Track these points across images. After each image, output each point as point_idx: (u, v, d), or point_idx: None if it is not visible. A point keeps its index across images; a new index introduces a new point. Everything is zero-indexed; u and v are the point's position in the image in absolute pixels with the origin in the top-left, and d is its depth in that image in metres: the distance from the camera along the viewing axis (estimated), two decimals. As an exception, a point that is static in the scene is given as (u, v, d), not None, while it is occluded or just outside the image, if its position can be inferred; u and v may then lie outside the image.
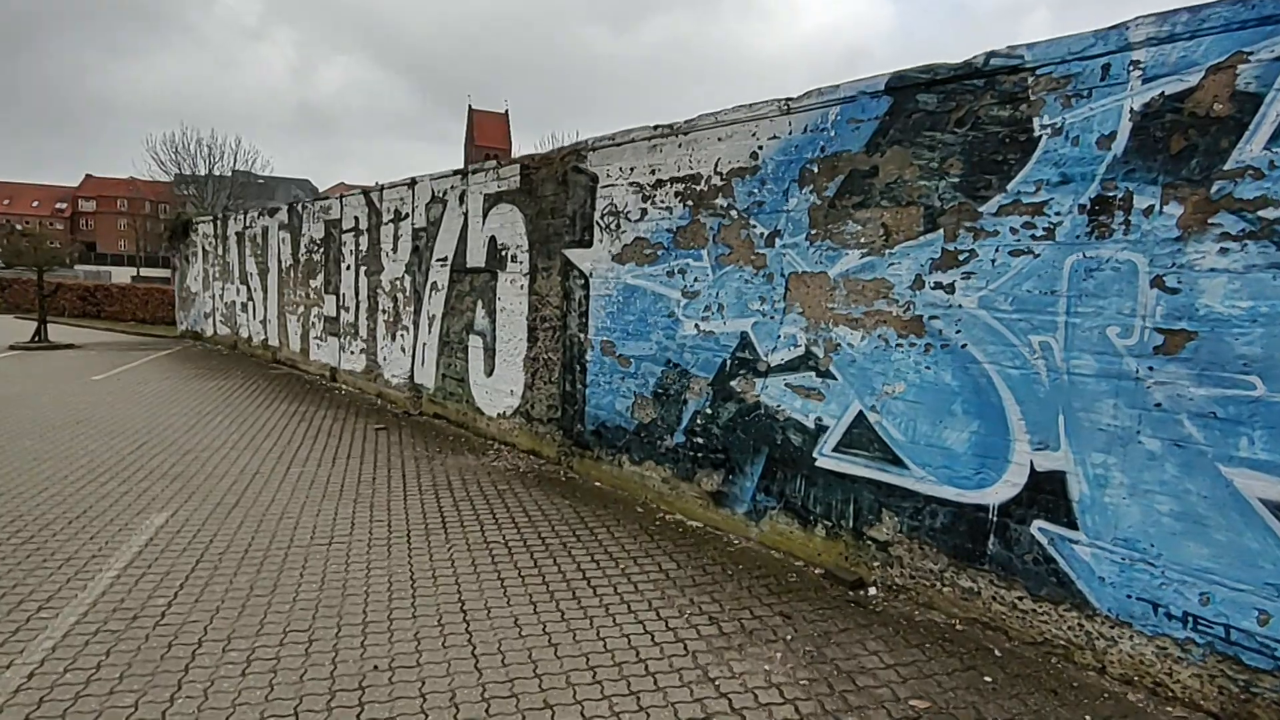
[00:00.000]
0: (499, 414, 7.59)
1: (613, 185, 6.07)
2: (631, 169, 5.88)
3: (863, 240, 4.27)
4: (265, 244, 13.68)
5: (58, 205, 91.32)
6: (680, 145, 5.45)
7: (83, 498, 5.46)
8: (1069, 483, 3.46)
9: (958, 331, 3.84)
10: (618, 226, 6.02)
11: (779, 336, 4.76)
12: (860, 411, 4.31)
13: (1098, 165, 3.35)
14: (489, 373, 7.71)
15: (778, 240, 4.75)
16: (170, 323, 24.88)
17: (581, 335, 6.43)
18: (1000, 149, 3.67)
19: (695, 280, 5.33)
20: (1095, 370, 3.36)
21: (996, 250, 3.68)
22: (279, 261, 13.15)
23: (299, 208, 12.43)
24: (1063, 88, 3.46)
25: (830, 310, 4.45)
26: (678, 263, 5.47)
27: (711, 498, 5.26)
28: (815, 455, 4.56)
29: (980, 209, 3.74)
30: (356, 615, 3.74)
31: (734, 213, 5.03)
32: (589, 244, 6.33)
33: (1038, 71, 3.54)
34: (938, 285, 3.92)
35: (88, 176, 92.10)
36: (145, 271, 71.53)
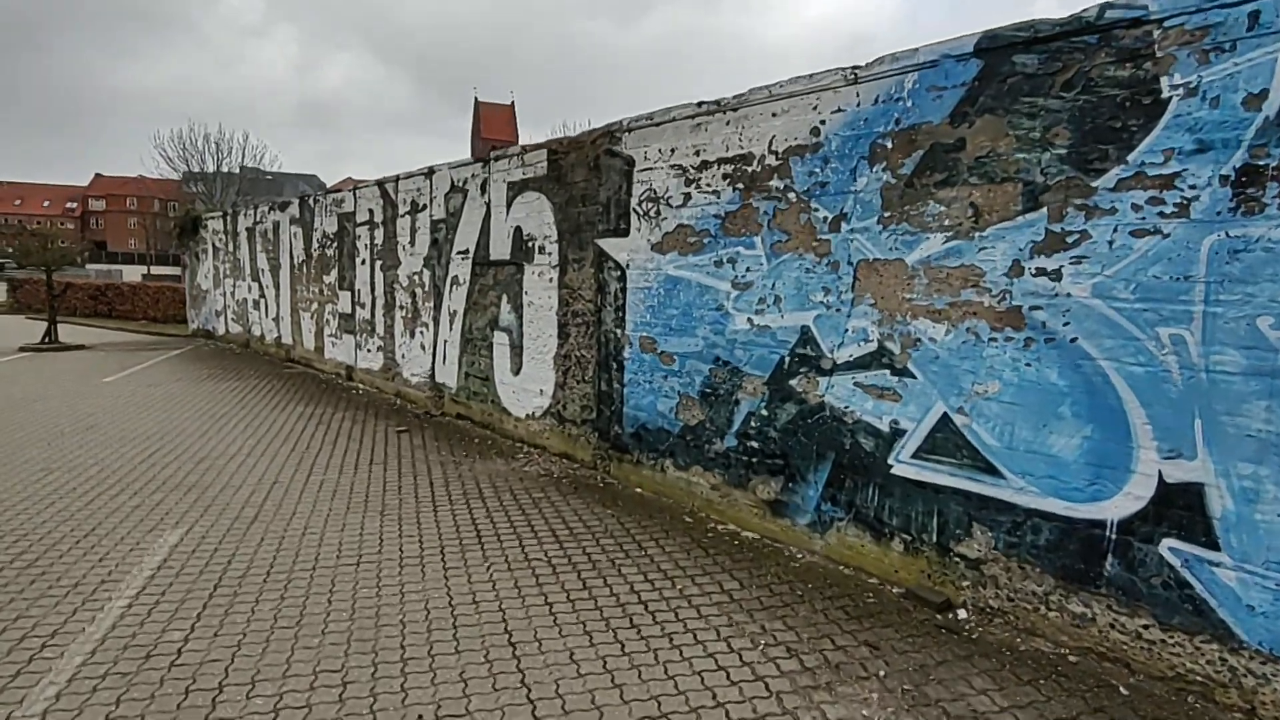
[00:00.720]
0: (527, 415, 7.18)
1: (651, 169, 5.63)
2: (672, 150, 5.43)
3: (947, 223, 3.82)
4: (276, 239, 13.31)
5: (68, 205, 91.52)
6: (729, 123, 5.00)
7: (92, 513, 5.10)
8: (1208, 496, 3.02)
9: (1066, 324, 3.39)
10: (657, 213, 5.58)
11: (846, 331, 4.32)
12: (945, 414, 3.86)
13: (1244, 130, 2.89)
14: (516, 371, 7.30)
15: (844, 225, 4.30)
16: (181, 321, 24.66)
17: (618, 331, 6.00)
18: (1119, 114, 3.21)
19: (747, 270, 4.89)
20: (1243, 367, 2.91)
21: (1115, 230, 3.23)
22: (291, 257, 12.78)
23: (310, 201, 12.04)
24: (1198, 41, 2.99)
25: (907, 301, 4.00)
26: (726, 251, 5.03)
27: (769, 507, 4.84)
28: (890, 462, 4.12)
29: (1094, 184, 3.28)
30: (394, 650, 3.34)
31: (792, 195, 4.58)
32: (625, 233, 5.89)
33: (1166, 24, 3.07)
34: (1040, 272, 3.47)
35: (97, 176, 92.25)
36: (156, 270, 71.58)
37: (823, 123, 4.40)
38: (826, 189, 4.39)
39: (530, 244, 7.00)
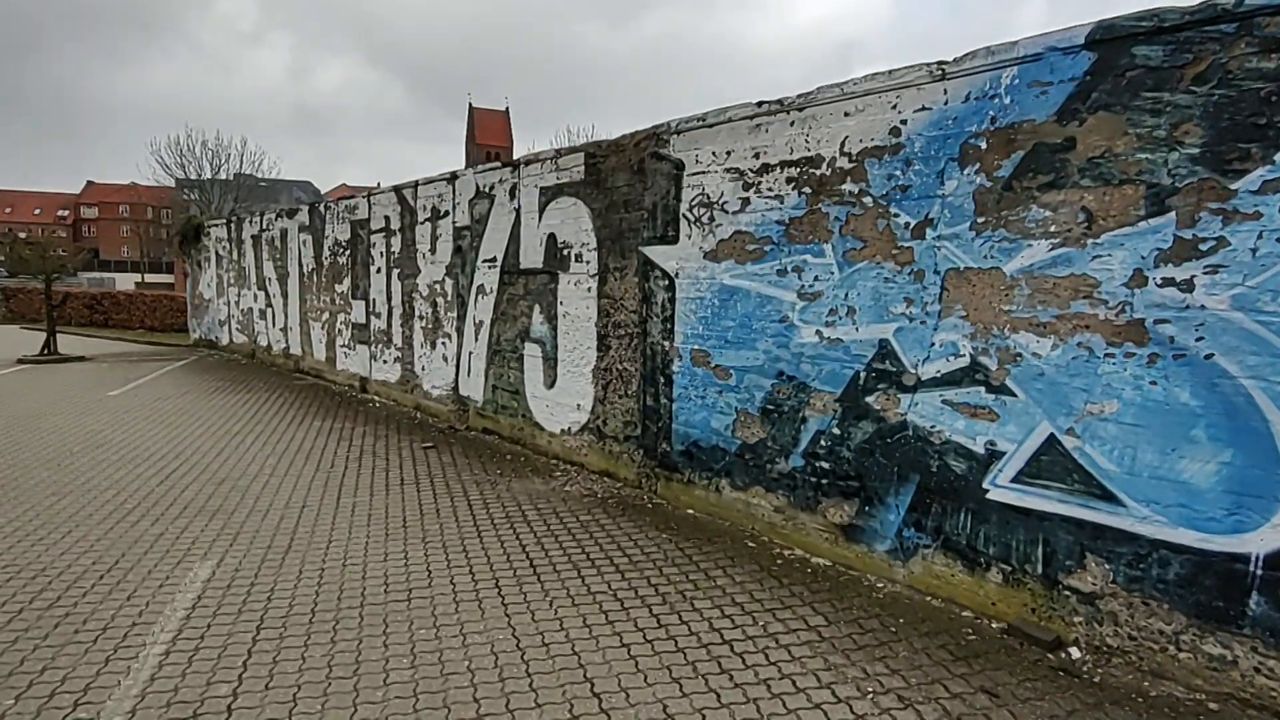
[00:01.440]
0: (562, 430, 6.86)
1: (703, 172, 5.34)
2: (728, 153, 5.14)
3: (1053, 229, 3.53)
4: (284, 247, 12.97)
5: (60, 213, 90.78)
6: (793, 124, 4.71)
7: (113, 543, 4.76)
8: (1379, 530, 2.73)
9: (1199, 339, 3.11)
10: (711, 219, 5.28)
11: (933, 345, 4.03)
12: (1051, 434, 3.57)
13: None
14: (550, 385, 6.98)
15: (929, 231, 4.01)
16: (180, 330, 24.25)
17: (666, 343, 5.70)
18: (1263, 110, 2.93)
19: (815, 279, 4.60)
20: None
21: (1259, 237, 2.94)
22: (300, 265, 12.44)
23: (321, 208, 11.71)
24: (1362, 28, 2.71)
25: (1006, 313, 3.72)
26: (791, 259, 4.74)
27: (841, 531, 4.53)
28: (986, 486, 3.82)
29: (1233, 186, 3.00)
30: (467, 705, 3.02)
31: (868, 200, 4.29)
32: (673, 240, 5.59)
33: (1321, 10, 2.79)
34: (1168, 282, 3.18)
35: (89, 183, 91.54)
36: (149, 278, 70.96)
37: (904, 122, 4.12)
38: (908, 193, 4.10)
39: (565, 252, 6.69)
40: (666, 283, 5.67)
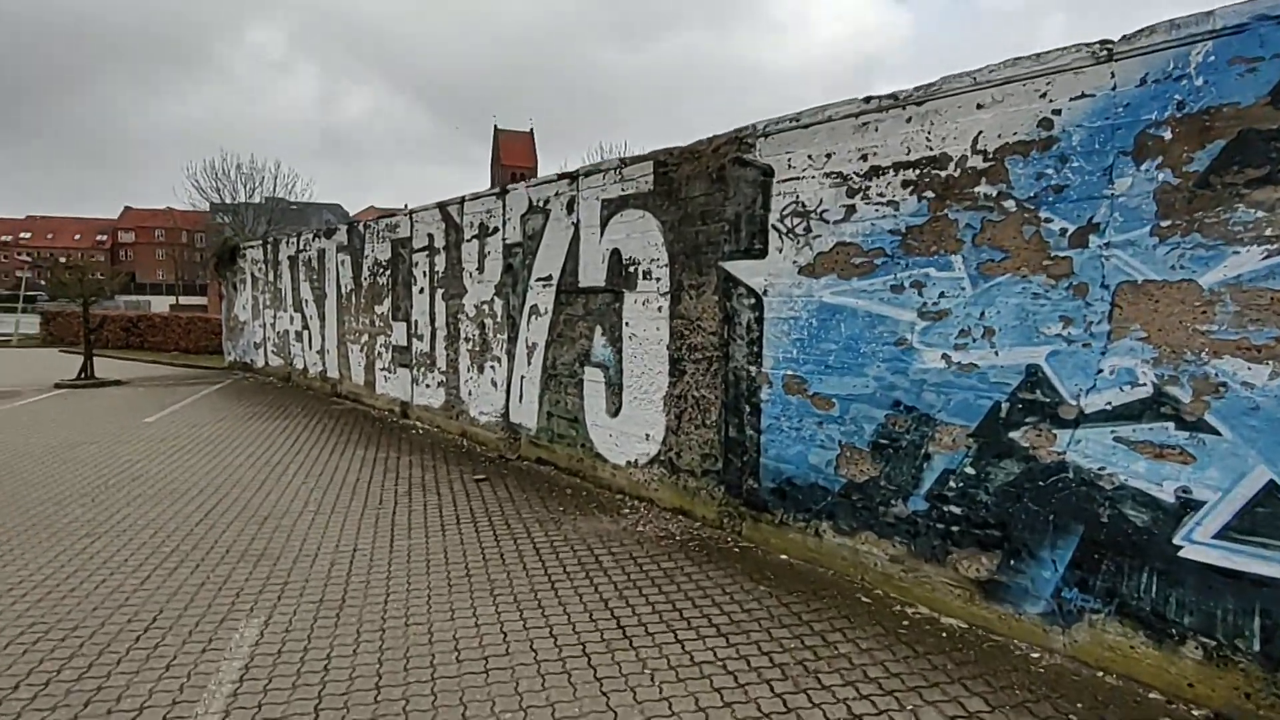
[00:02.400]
0: (629, 462, 6.30)
1: (797, 178, 4.79)
2: (828, 156, 4.59)
3: (1269, 232, 2.92)
4: (321, 268, 12.64)
5: (98, 237, 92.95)
6: (910, 120, 4.15)
7: (150, 594, 4.27)
8: None
9: None
10: (806, 230, 4.73)
11: (1100, 372, 3.41)
12: (1271, 482, 2.94)
13: None
14: (614, 412, 6.43)
15: (1093, 238, 3.41)
16: (214, 352, 24.17)
17: (752, 368, 5.12)
18: None
19: (940, 296, 4.01)
20: None
21: None
22: (338, 286, 12.09)
23: (360, 227, 11.36)
24: None
25: (1203, 334, 3.10)
26: (909, 274, 4.15)
27: (979, 588, 3.90)
28: (1178, 541, 3.19)
29: None
30: (579, 823, 2.44)
31: (1009, 203, 3.71)
32: (761, 254, 5.04)
33: None
34: None
35: (126, 209, 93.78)
36: (184, 299, 72.02)
37: (1057, 112, 3.54)
38: (1064, 194, 3.51)
39: (631, 268, 6.17)
40: (752, 301, 5.11)
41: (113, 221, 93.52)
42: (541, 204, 7.33)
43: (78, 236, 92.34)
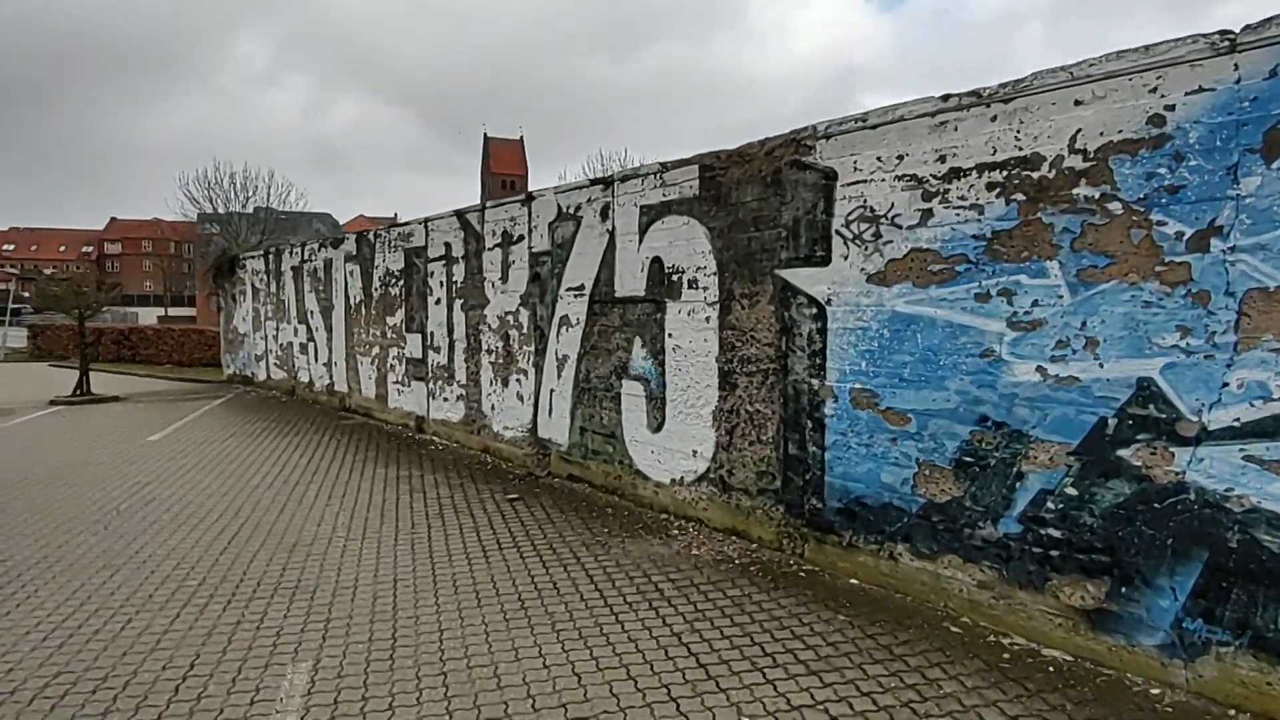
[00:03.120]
0: (673, 480, 6.02)
1: (865, 181, 4.54)
2: (900, 157, 4.35)
3: None
4: (329, 278, 12.31)
5: (84, 249, 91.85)
6: (995, 119, 3.91)
7: (182, 637, 3.95)
8: None
9: None
10: (876, 236, 4.47)
11: (1226, 385, 3.17)
12: None
13: None
14: (656, 428, 6.15)
15: (1216, 241, 3.17)
16: (210, 365, 23.76)
17: (814, 381, 4.86)
18: None
19: (1034, 305, 3.76)
20: None
21: None
22: (346, 297, 11.76)
23: (370, 236, 11.05)
24: None
25: (1351, 345, 2.86)
26: (996, 281, 3.91)
27: (1084, 617, 3.64)
28: (1324, 569, 2.94)
29: None
30: None
31: (1114, 205, 3.47)
32: (823, 261, 4.79)
33: None
34: None
35: (112, 219, 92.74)
36: (172, 311, 71.18)
37: (1170, 108, 3.30)
38: (1179, 195, 3.27)
39: (675, 277, 5.90)
40: (814, 311, 4.86)
41: (98, 233, 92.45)
42: (572, 211, 7.06)
43: (63, 248, 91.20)
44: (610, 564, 5.02)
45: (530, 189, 6.71)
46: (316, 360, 12.95)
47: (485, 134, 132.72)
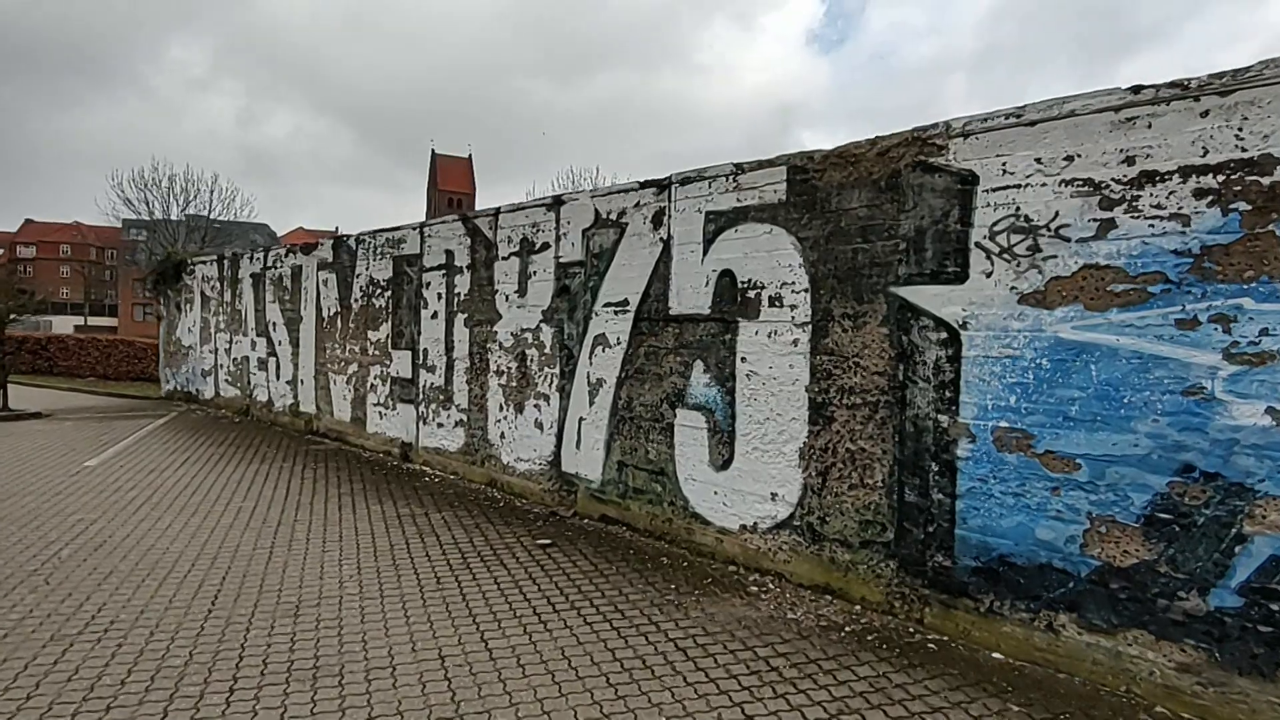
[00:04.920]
0: (743, 526, 5.22)
1: (1017, 186, 3.91)
2: (1068, 158, 3.73)
3: None
4: (297, 288, 11.14)
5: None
6: (1206, 114, 3.33)
7: (182, 749, 2.92)
8: None
9: None
10: (1033, 249, 3.84)
11: None
12: None
13: None
14: (721, 465, 5.36)
15: None
16: (140, 379, 21.85)
17: (942, 418, 4.17)
18: None
19: (1261, 334, 3.16)
20: None
21: None
22: (318, 309, 10.61)
23: (351, 242, 9.99)
24: None
25: None
26: (1207, 305, 3.30)
27: (1337, 714, 3.00)
28: None
29: None
30: None
31: (1382, 218, 2.89)
32: (956, 278, 4.13)
33: None
34: None
35: (27, 221, 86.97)
36: (92, 320, 66.77)
37: None
38: None
39: (751, 294, 5.17)
40: (944, 336, 4.18)
41: (11, 235, 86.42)
42: (613, 216, 6.26)
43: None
44: (697, 631, 4.18)
45: (478, 206, 5.96)
46: (279, 377, 11.68)
47: (432, 150, 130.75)
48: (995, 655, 3.93)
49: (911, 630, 4.23)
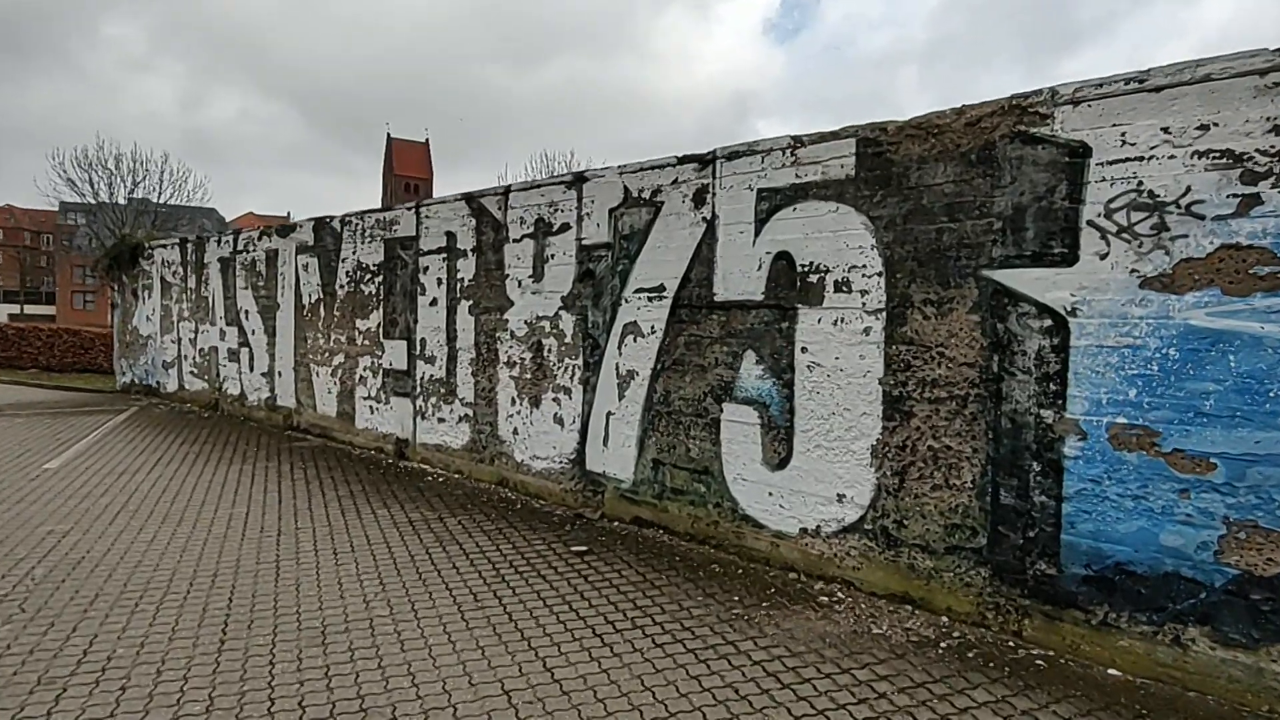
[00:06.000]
0: (804, 530, 4.83)
1: (1138, 158, 3.56)
2: (1202, 128, 3.39)
3: None
4: (272, 272, 10.37)
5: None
6: (1375, 77, 3.00)
7: (227, 829, 2.40)
8: None
9: None
10: (1159, 228, 3.49)
11: None
12: None
13: None
14: (778, 464, 4.95)
15: None
16: (88, 370, 20.64)
17: (1046, 413, 3.82)
18: None
19: None
20: None
21: None
22: (298, 295, 9.89)
23: (336, 224, 9.29)
24: None
25: None
26: (1373, 289, 2.98)
27: None
28: None
29: None
30: None
31: None
32: (1064, 259, 3.77)
33: None
34: None
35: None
36: (28, 309, 63.50)
37: None
38: None
39: (814, 278, 4.75)
40: (1048, 323, 3.82)
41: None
42: (646, 195, 5.78)
43: (-110, 233, 79.64)
44: (781, 651, 3.77)
45: (435, 192, 5.47)
46: (253, 369, 10.90)
47: (388, 134, 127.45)
48: (1112, 672, 3.61)
49: (1011, 644, 3.89)
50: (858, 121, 4.32)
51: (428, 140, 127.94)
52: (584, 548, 5.34)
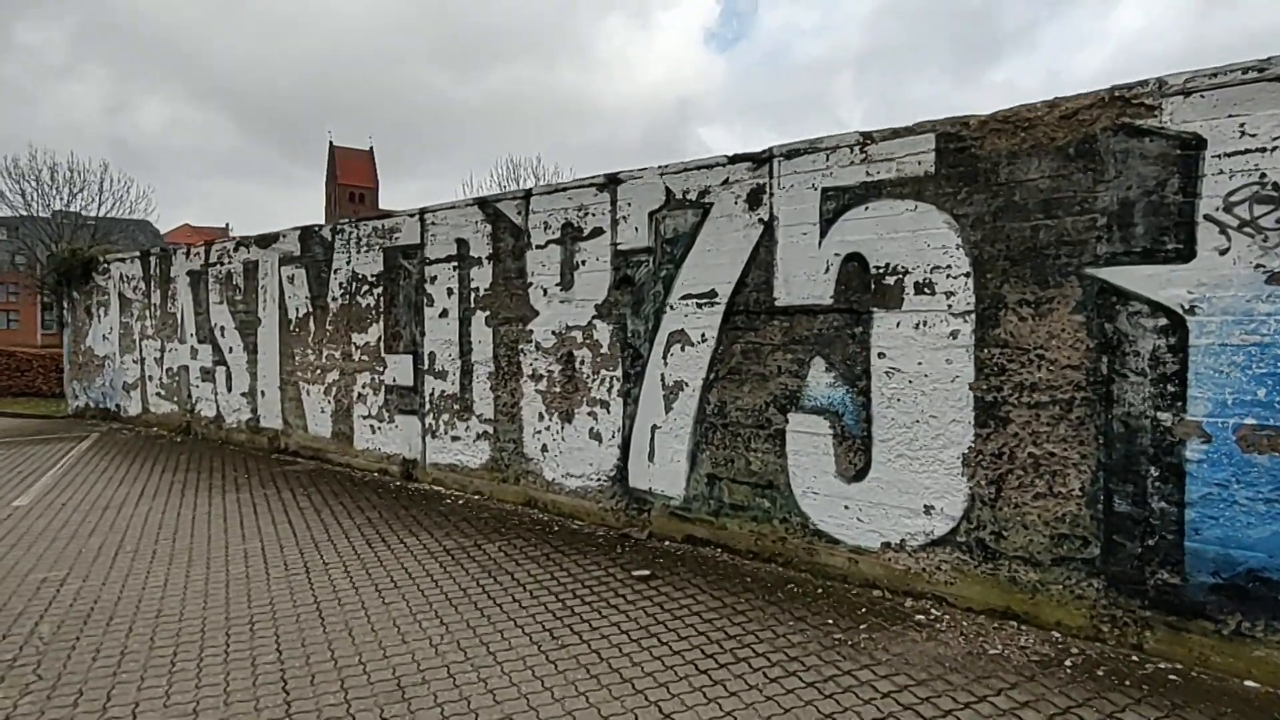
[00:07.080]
0: (886, 544, 4.60)
1: (1260, 150, 3.44)
2: (1333, 117, 3.27)
3: None
4: (252, 286, 9.74)
5: None
6: None
7: None
8: None
9: None
10: (1286, 221, 3.37)
11: None
12: None
13: None
14: (854, 475, 4.72)
15: None
16: (26, 394, 19.32)
17: (1164, 415, 3.67)
18: None
19: None
20: None
21: None
22: (283, 309, 9.28)
23: (326, 233, 8.75)
24: None
25: None
26: None
27: None
28: None
29: None
30: None
31: None
32: (1179, 256, 3.63)
33: None
34: None
35: None
36: (-54, 329, 59.55)
37: None
38: None
39: (891, 280, 4.54)
40: (1163, 322, 3.67)
41: None
42: (692, 196, 5.50)
43: None
44: (903, 680, 3.52)
45: (381, 204, 5.14)
46: (230, 389, 10.20)
47: (330, 142, 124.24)
48: (1249, 684, 3.46)
49: (1134, 659, 3.72)
50: (801, 124, 4.21)
51: (372, 149, 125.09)
52: (646, 571, 5.00)
